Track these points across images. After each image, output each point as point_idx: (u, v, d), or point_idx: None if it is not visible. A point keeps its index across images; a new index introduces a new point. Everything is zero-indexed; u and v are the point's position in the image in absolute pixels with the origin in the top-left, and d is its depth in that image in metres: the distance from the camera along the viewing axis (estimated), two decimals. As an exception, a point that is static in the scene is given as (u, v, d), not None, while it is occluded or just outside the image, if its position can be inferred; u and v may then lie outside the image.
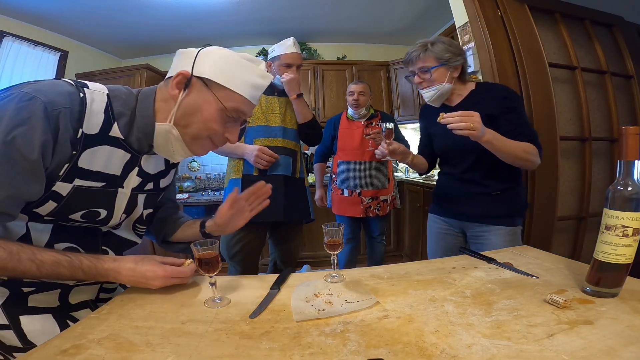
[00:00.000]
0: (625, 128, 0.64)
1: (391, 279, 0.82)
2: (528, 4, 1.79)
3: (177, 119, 0.70)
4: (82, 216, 0.69)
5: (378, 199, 2.27)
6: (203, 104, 0.69)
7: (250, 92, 0.72)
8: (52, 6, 2.70)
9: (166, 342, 0.56)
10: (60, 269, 0.63)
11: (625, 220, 0.63)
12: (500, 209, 1.25)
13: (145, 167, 0.77)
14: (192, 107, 0.70)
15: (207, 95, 0.69)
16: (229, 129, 0.74)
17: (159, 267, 0.71)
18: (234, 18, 3.17)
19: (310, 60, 3.69)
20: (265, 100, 1.69)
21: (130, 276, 0.69)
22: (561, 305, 0.62)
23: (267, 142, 1.66)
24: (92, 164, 0.66)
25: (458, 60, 1.21)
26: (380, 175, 2.27)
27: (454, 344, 0.52)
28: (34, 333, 0.67)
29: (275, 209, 1.64)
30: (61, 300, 0.73)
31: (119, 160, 0.70)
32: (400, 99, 3.66)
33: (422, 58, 1.21)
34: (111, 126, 0.67)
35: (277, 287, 0.78)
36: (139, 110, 0.71)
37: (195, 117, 0.70)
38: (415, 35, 3.73)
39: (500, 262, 0.89)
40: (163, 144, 0.73)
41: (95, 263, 0.66)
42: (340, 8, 3.12)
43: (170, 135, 0.71)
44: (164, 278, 0.71)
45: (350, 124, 2.30)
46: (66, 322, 0.72)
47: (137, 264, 0.70)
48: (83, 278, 0.66)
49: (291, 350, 0.53)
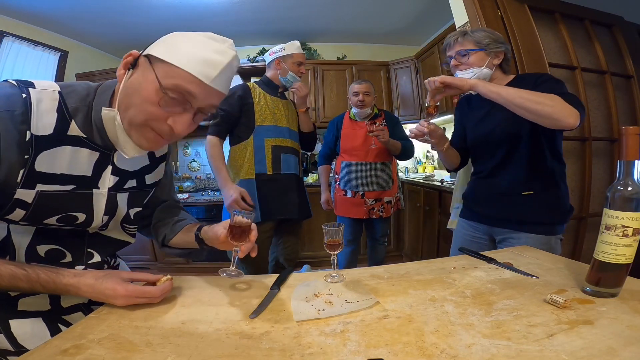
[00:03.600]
0: (625, 128, 0.64)
1: (391, 279, 0.82)
2: (528, 4, 1.80)
3: (120, 102, 0.62)
4: (58, 220, 0.66)
5: (382, 201, 2.24)
6: (143, 82, 0.60)
7: (198, 69, 0.59)
8: (52, 6, 2.70)
9: (166, 342, 0.56)
10: (18, 282, 0.60)
11: (625, 220, 0.63)
12: (535, 213, 1.11)
13: (121, 165, 0.71)
14: (132, 87, 0.61)
15: (148, 73, 0.60)
16: (174, 115, 0.61)
17: (120, 286, 0.64)
18: (234, 18, 3.17)
19: (310, 60, 3.69)
20: (270, 101, 1.70)
21: (90, 292, 0.64)
22: (561, 305, 0.62)
23: (278, 142, 1.69)
24: (53, 167, 0.61)
25: (499, 47, 1.16)
26: (384, 177, 2.23)
27: (454, 344, 0.52)
28: (24, 336, 0.66)
29: (291, 206, 1.73)
30: (53, 304, 0.72)
31: (86, 160, 0.65)
32: (400, 99, 3.66)
33: (461, 42, 1.17)
34: (68, 125, 0.61)
35: (277, 287, 0.78)
36: (96, 103, 0.64)
37: (134, 99, 0.61)
38: (415, 35, 3.73)
39: (500, 262, 0.89)
40: (113, 135, 0.64)
41: (54, 278, 0.62)
42: (340, 8, 3.12)
43: (116, 123, 0.62)
44: (125, 297, 0.65)
45: (353, 124, 2.27)
46: (57, 326, 0.71)
47: (97, 280, 0.64)
48: (42, 291, 0.63)
49: (291, 350, 0.53)
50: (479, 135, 1.23)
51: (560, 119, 0.92)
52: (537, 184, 1.12)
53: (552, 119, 0.93)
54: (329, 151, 2.40)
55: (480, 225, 1.27)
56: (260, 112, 1.66)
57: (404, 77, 3.62)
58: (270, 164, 1.66)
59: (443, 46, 1.24)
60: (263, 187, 1.64)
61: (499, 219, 1.19)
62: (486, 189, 1.23)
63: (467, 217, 1.33)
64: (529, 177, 1.12)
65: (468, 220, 1.31)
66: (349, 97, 2.27)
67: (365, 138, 2.20)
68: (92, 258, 0.77)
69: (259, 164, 1.65)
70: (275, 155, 1.67)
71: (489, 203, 1.21)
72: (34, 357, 0.52)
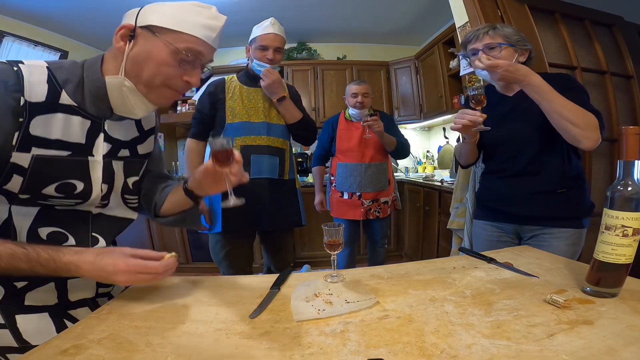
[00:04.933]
0: (625, 128, 0.64)
1: (391, 279, 0.82)
2: (528, 4, 1.80)
3: (128, 71, 0.68)
4: (56, 189, 0.67)
5: (378, 201, 2.22)
6: (152, 50, 0.67)
7: (202, 33, 0.70)
8: (52, 6, 2.70)
9: (166, 342, 0.56)
10: (17, 262, 0.59)
11: (625, 220, 0.63)
12: (566, 210, 1.13)
13: (112, 133, 0.75)
14: (141, 55, 0.68)
15: (155, 41, 0.67)
16: (187, 71, 0.71)
17: (121, 261, 0.62)
18: (234, 18, 3.14)
19: (310, 60, 3.70)
20: (247, 93, 1.53)
21: (91, 270, 0.62)
22: (561, 305, 0.62)
23: (249, 141, 1.50)
24: (48, 132, 0.64)
25: (526, 45, 1.14)
26: (380, 177, 2.22)
27: (454, 344, 0.52)
28: (29, 332, 0.67)
29: (259, 217, 1.50)
30: (60, 297, 0.72)
31: (78, 128, 0.68)
32: (400, 99, 3.66)
33: (492, 35, 1.14)
34: (59, 94, 0.65)
35: (277, 287, 0.78)
36: (87, 75, 0.69)
37: (147, 65, 0.68)
38: (415, 35, 3.73)
39: (500, 262, 0.89)
40: (119, 101, 0.70)
41: (54, 256, 0.61)
42: (340, 8, 3.12)
43: (123, 89, 0.69)
44: (127, 273, 0.62)
45: (349, 124, 2.24)
46: (63, 321, 0.71)
47: (97, 257, 0.63)
48: (43, 272, 0.62)
49: (291, 350, 0.53)
50: (502, 133, 1.19)
51: (582, 143, 0.99)
52: (570, 182, 1.13)
53: (575, 140, 1.00)
54: (324, 152, 2.36)
55: (505, 224, 1.24)
56: (232, 108, 1.50)
57: (404, 77, 3.62)
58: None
59: (465, 38, 1.20)
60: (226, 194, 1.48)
61: (528, 217, 1.17)
62: (513, 188, 1.19)
63: (487, 217, 1.29)
64: (564, 176, 1.13)
65: (489, 221, 1.28)
66: (346, 97, 2.24)
67: (362, 139, 2.17)
68: (98, 243, 0.77)
69: None
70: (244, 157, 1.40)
71: (518, 202, 1.18)
72: (34, 357, 0.52)
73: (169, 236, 3.21)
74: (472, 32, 1.19)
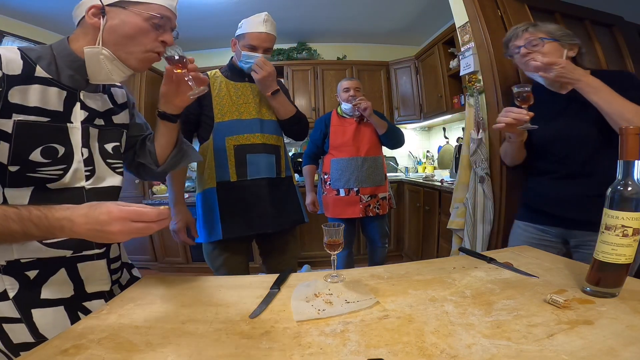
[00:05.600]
0: (625, 128, 0.64)
1: (391, 279, 0.82)
2: (528, 4, 1.79)
3: (106, 41, 0.74)
4: (41, 154, 0.70)
5: (377, 197, 2.17)
6: (126, 21, 0.74)
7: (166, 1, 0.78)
8: (52, 6, 2.70)
9: (166, 342, 0.56)
10: (9, 223, 0.57)
11: (625, 220, 0.63)
12: None
13: (88, 103, 0.80)
14: (116, 28, 0.74)
15: (126, 15, 0.74)
16: (161, 33, 0.79)
17: (115, 208, 0.60)
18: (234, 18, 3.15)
19: (310, 60, 3.69)
20: (234, 89, 1.41)
21: (84, 224, 0.60)
22: (561, 305, 0.62)
23: (242, 140, 1.38)
24: (26, 100, 0.68)
25: (574, 39, 1.09)
26: (377, 171, 2.18)
27: (454, 344, 0.52)
28: (45, 326, 0.68)
29: (262, 219, 1.41)
30: (76, 289, 0.74)
31: (55, 97, 0.73)
32: (400, 99, 3.66)
33: (532, 31, 1.10)
34: (34, 69, 0.70)
35: (277, 287, 0.78)
36: (57, 53, 0.75)
37: (125, 35, 0.75)
38: (415, 35, 3.73)
39: (500, 262, 0.89)
40: (97, 69, 0.76)
41: (46, 212, 0.59)
42: (340, 8, 3.12)
43: (100, 57, 0.74)
44: (122, 220, 0.60)
45: (342, 120, 2.21)
46: (77, 314, 0.73)
47: (91, 208, 0.61)
48: (36, 234, 0.60)
49: (291, 350, 0.53)
50: (553, 132, 1.12)
51: None
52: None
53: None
54: (316, 149, 2.30)
55: (551, 228, 1.17)
56: (220, 106, 1.38)
57: (404, 77, 3.62)
58: (233, 169, 1.37)
59: (506, 38, 1.18)
60: (225, 198, 1.37)
61: (578, 222, 1.09)
62: (563, 190, 1.13)
63: (531, 219, 1.23)
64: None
65: (533, 223, 1.22)
66: (339, 94, 2.24)
67: (356, 133, 2.14)
68: None
69: (220, 169, 1.36)
70: (239, 157, 1.37)
71: (567, 205, 1.12)
72: (34, 356, 0.52)
73: (168, 236, 3.20)
74: (511, 31, 1.16)
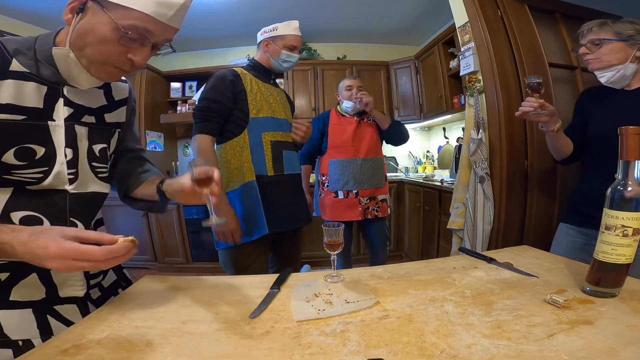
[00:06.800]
0: (626, 128, 0.64)
1: (391, 279, 0.82)
2: (528, 4, 1.80)
3: (72, 43, 0.68)
4: (15, 156, 0.65)
5: (376, 199, 2.11)
6: (96, 25, 0.66)
7: (153, 9, 0.66)
8: (52, 6, 2.70)
9: (166, 342, 0.56)
10: None
11: (625, 220, 0.63)
12: None
13: (73, 99, 0.74)
14: (85, 29, 0.67)
15: (101, 16, 0.65)
16: (133, 49, 0.68)
17: (54, 243, 0.53)
18: (234, 18, 3.18)
19: (310, 60, 3.70)
20: (264, 88, 1.46)
21: (24, 253, 0.55)
22: (561, 305, 0.62)
23: (277, 137, 1.44)
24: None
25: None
26: (377, 172, 2.11)
27: (454, 344, 0.52)
28: (11, 327, 0.65)
29: (301, 213, 1.52)
30: (48, 293, 0.70)
31: (34, 93, 0.68)
32: (400, 99, 3.66)
33: (596, 31, 1.10)
34: (9, 63, 0.66)
35: (277, 287, 0.78)
36: (39, 46, 0.70)
37: (89, 39, 0.67)
38: (415, 35, 3.73)
39: (500, 262, 0.89)
40: (66, 71, 0.71)
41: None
42: (340, 8, 3.12)
43: (69, 60, 0.69)
44: (60, 259, 0.53)
45: (341, 119, 2.13)
46: (45, 317, 0.70)
47: (31, 237, 0.55)
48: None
49: (291, 350, 0.53)
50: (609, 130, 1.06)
51: None
52: None
53: None
54: (312, 149, 2.20)
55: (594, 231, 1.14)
56: (255, 102, 1.39)
57: (404, 77, 3.63)
58: (271, 164, 1.40)
59: (577, 33, 1.18)
60: (266, 192, 1.39)
61: None
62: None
63: (576, 222, 1.20)
64: None
65: (578, 226, 1.19)
66: (340, 92, 2.17)
67: (356, 133, 2.07)
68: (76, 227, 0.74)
69: (258, 164, 1.38)
70: (276, 152, 1.42)
71: None
72: (34, 356, 0.52)
73: (169, 236, 3.21)
74: (581, 28, 1.15)
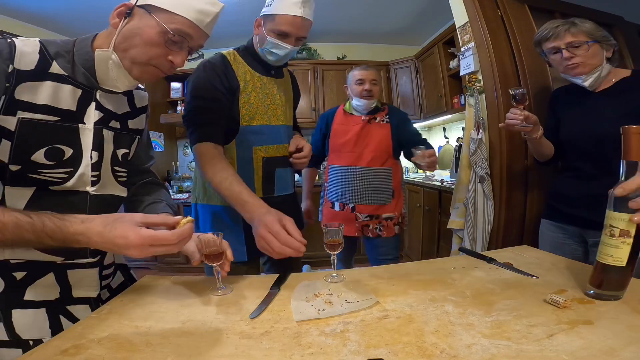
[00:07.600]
0: (628, 127, 0.63)
1: (391, 279, 0.82)
2: (528, 4, 1.80)
3: (117, 44, 0.71)
4: (45, 155, 0.67)
5: (379, 217, 1.71)
6: (144, 27, 0.70)
7: (195, 16, 0.73)
8: (52, 6, 2.70)
9: (166, 342, 0.56)
10: (23, 232, 0.55)
11: (626, 222, 0.62)
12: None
13: (104, 104, 0.77)
14: (131, 31, 0.71)
15: (148, 20, 0.70)
16: (173, 52, 0.74)
17: (132, 232, 0.56)
18: (234, 18, 3.17)
19: (310, 60, 3.70)
20: (260, 84, 1.11)
21: (101, 243, 0.57)
22: (561, 305, 0.62)
23: (272, 152, 1.13)
24: (34, 98, 0.66)
25: (611, 40, 1.09)
26: (382, 186, 1.71)
27: (454, 344, 0.52)
28: (22, 327, 0.67)
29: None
30: (62, 293, 0.72)
31: (69, 96, 0.70)
32: (400, 98, 3.66)
33: (573, 33, 1.08)
34: (50, 65, 0.68)
35: (277, 287, 0.78)
36: (77, 49, 0.73)
37: (135, 40, 0.71)
38: (415, 35, 3.73)
39: (500, 262, 0.89)
40: (104, 73, 0.73)
41: (60, 226, 0.57)
42: (340, 8, 3.12)
43: (109, 62, 0.72)
44: (140, 247, 0.56)
45: (347, 118, 1.78)
46: (58, 317, 0.71)
47: (105, 228, 0.57)
48: (52, 244, 0.57)
49: (291, 350, 0.53)
50: (578, 130, 1.13)
51: None
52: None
53: None
54: (316, 151, 1.81)
55: (569, 226, 1.18)
56: (248, 105, 1.07)
57: (404, 77, 3.63)
58: (260, 184, 1.12)
59: (540, 35, 1.16)
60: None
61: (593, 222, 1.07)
62: (582, 189, 1.14)
63: (552, 217, 1.24)
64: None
65: (556, 222, 1.24)
66: (349, 85, 1.78)
67: (360, 136, 1.71)
68: None
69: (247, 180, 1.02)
70: (267, 171, 1.13)
71: (582, 204, 1.13)
72: (34, 356, 0.52)
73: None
74: (548, 29, 1.14)
